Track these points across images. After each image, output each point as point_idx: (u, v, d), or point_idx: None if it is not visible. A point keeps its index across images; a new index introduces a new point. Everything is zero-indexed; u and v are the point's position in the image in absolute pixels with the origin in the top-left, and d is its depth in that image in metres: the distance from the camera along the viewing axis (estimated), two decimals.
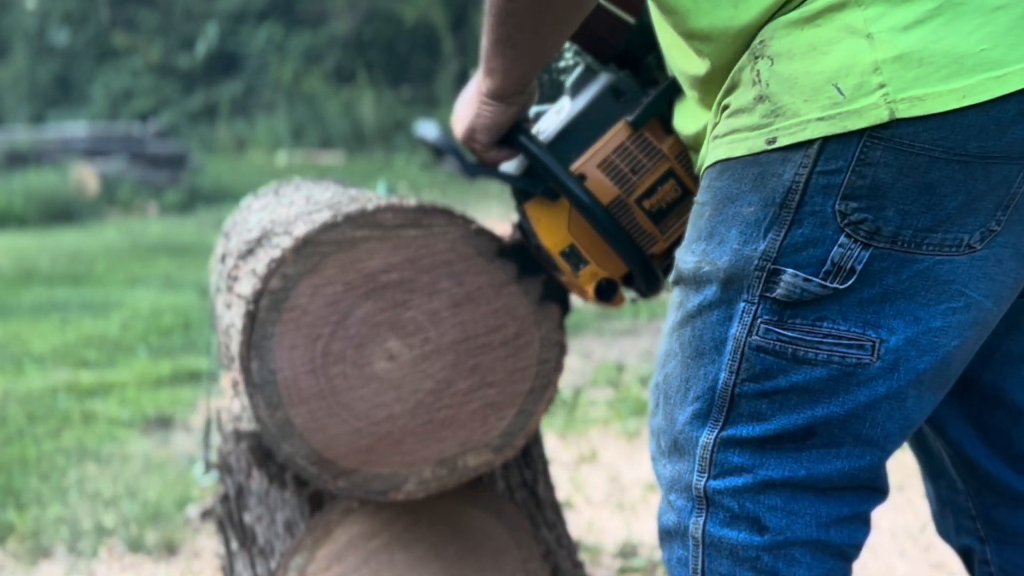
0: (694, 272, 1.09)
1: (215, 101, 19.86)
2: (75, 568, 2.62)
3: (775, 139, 1.02)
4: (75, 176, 11.72)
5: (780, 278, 1.03)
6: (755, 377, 1.06)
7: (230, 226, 2.02)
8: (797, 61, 1.01)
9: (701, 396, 1.09)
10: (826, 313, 1.03)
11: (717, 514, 1.10)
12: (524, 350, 1.63)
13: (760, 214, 1.03)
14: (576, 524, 2.73)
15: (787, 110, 1.01)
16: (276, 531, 1.82)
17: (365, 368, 1.57)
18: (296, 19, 19.82)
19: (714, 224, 1.07)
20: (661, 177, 1.43)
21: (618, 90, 1.44)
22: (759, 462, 1.08)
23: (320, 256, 1.54)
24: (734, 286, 1.06)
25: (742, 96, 1.06)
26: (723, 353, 1.07)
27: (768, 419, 1.07)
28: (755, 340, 1.05)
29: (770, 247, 1.03)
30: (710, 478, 1.09)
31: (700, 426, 1.10)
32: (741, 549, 1.09)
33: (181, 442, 3.61)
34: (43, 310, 5.98)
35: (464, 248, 1.59)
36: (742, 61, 1.06)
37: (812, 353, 1.04)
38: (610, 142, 1.42)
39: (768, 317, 1.05)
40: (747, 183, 1.04)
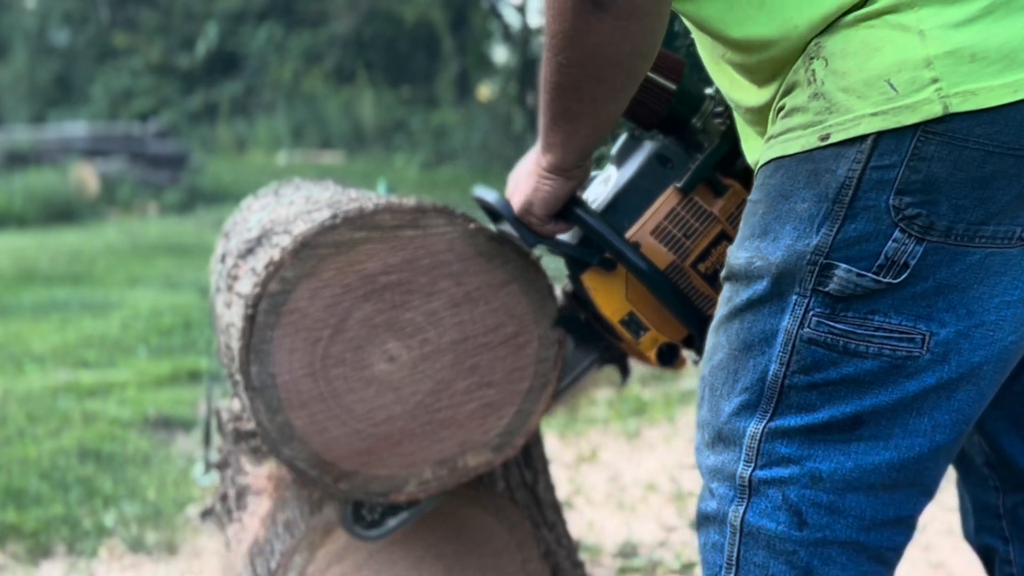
0: (745, 268, 1.10)
1: (215, 101, 19.85)
2: (75, 568, 2.62)
3: (828, 135, 1.03)
4: (75, 176, 11.72)
5: (833, 272, 1.04)
6: (805, 369, 1.07)
7: (230, 226, 2.03)
8: (850, 59, 1.03)
9: (750, 387, 1.10)
10: (878, 307, 1.04)
11: (759, 503, 1.10)
12: (523, 349, 1.63)
13: (813, 209, 1.04)
14: (576, 524, 2.73)
15: (840, 107, 1.03)
16: (276, 531, 1.82)
17: (364, 370, 1.57)
18: (296, 19, 19.82)
19: (768, 221, 1.08)
20: (714, 239, 1.46)
21: (664, 157, 1.46)
22: (807, 453, 1.08)
23: (318, 258, 1.54)
24: (786, 280, 1.07)
25: (797, 96, 1.07)
26: (773, 345, 1.08)
27: (817, 409, 1.07)
28: (806, 333, 1.06)
29: (823, 242, 1.04)
30: (756, 468, 1.10)
31: (748, 417, 1.10)
32: (778, 541, 1.09)
33: (181, 442, 3.61)
34: (43, 310, 5.98)
35: (463, 248, 1.59)
36: (797, 64, 1.08)
37: (863, 346, 1.05)
38: (661, 209, 1.44)
39: (820, 310, 1.06)
40: (801, 180, 1.05)
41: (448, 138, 17.56)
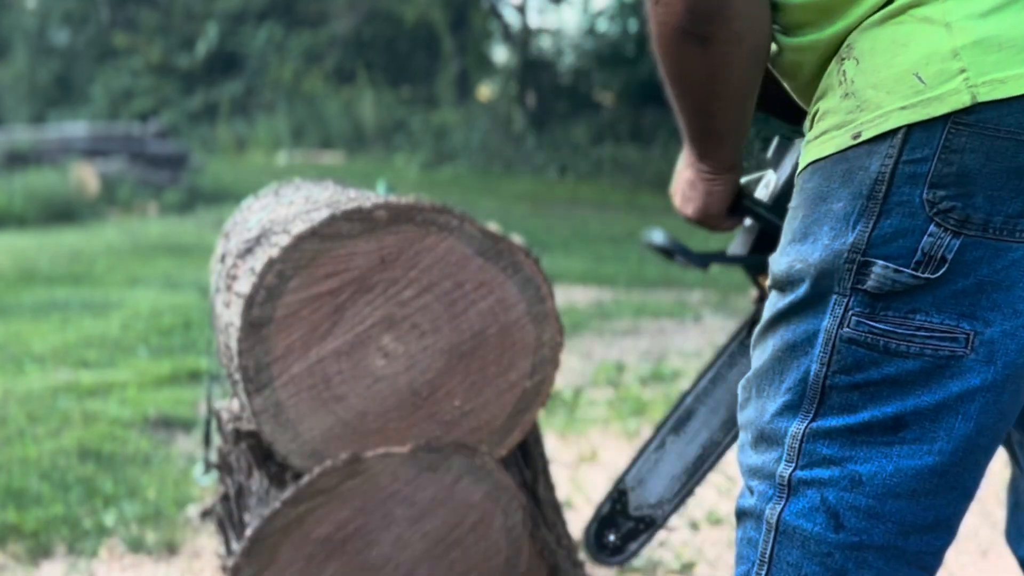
0: (787, 272, 1.10)
1: (215, 101, 19.87)
2: (75, 568, 2.62)
3: (860, 133, 1.03)
4: (75, 176, 11.73)
5: (871, 270, 1.03)
6: (846, 369, 1.06)
7: (230, 226, 2.03)
8: (879, 56, 1.03)
9: (792, 388, 1.09)
10: (919, 305, 1.03)
11: (797, 503, 1.09)
12: (519, 346, 1.64)
13: (848, 207, 1.04)
14: (576, 524, 2.73)
15: (870, 103, 1.03)
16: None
17: (360, 365, 1.57)
18: (296, 19, 19.83)
19: (806, 224, 1.08)
20: None
21: None
22: (848, 454, 1.07)
23: (315, 254, 1.54)
24: (825, 280, 1.06)
25: (830, 99, 1.08)
26: (815, 345, 1.07)
27: (859, 410, 1.06)
28: (846, 332, 1.06)
29: (859, 239, 1.04)
30: (797, 468, 1.09)
31: (791, 417, 1.10)
32: (813, 542, 1.08)
33: (181, 442, 3.61)
34: (43, 310, 5.99)
35: (460, 246, 1.60)
36: (831, 67, 1.09)
37: (904, 346, 1.04)
38: None
39: (859, 309, 1.05)
40: (836, 180, 1.05)
41: (448, 138, 17.57)
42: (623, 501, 1.66)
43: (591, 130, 16.40)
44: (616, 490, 1.67)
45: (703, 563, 2.58)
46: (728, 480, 3.15)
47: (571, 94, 18.15)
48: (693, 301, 6.29)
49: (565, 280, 6.63)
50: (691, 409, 1.68)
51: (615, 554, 1.67)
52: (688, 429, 1.68)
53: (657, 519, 1.67)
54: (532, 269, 1.65)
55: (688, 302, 6.25)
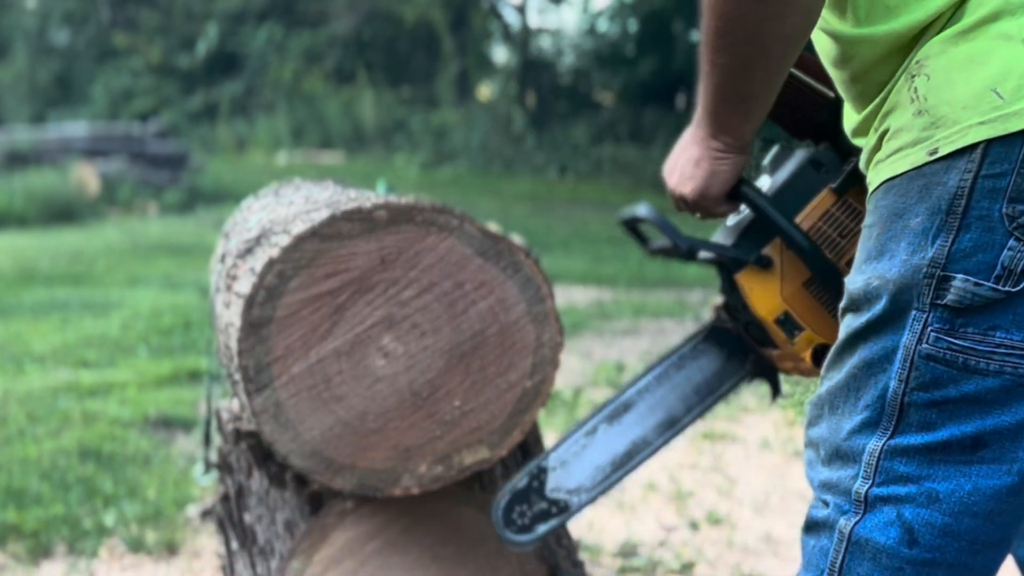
0: (863, 290, 1.09)
1: (215, 101, 19.87)
2: (75, 568, 2.62)
3: (937, 149, 1.03)
4: (75, 176, 11.73)
5: (950, 284, 1.03)
6: (925, 386, 1.06)
7: (230, 227, 2.03)
8: (954, 73, 1.03)
9: (871, 405, 1.09)
10: (999, 322, 1.03)
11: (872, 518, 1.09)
12: (519, 346, 1.64)
13: (927, 223, 1.04)
14: (576, 523, 2.73)
15: (947, 120, 1.03)
16: (276, 531, 1.82)
17: (360, 365, 1.58)
18: (296, 19, 19.83)
19: (883, 242, 1.08)
20: None
21: (818, 162, 1.47)
22: (926, 472, 1.07)
23: (315, 254, 1.54)
24: (904, 296, 1.06)
25: (901, 116, 1.08)
26: (893, 362, 1.07)
27: (937, 428, 1.06)
28: (925, 349, 1.05)
29: (938, 254, 1.03)
30: (874, 485, 1.09)
31: (868, 434, 1.09)
32: (886, 556, 1.08)
33: (181, 442, 3.61)
34: (43, 310, 5.99)
35: (460, 246, 1.60)
36: (900, 83, 1.09)
37: (983, 363, 1.03)
38: (816, 209, 1.45)
39: (938, 326, 1.04)
40: (913, 196, 1.05)
41: (448, 138, 17.58)
42: (541, 479, 1.61)
43: (591, 130, 16.41)
44: (537, 466, 1.62)
45: (703, 563, 2.58)
46: (728, 480, 3.15)
47: (571, 94, 18.16)
48: (693, 301, 6.29)
49: (565, 280, 6.63)
50: (630, 403, 1.65)
51: (521, 533, 1.60)
52: (623, 421, 1.65)
53: (571, 507, 1.62)
54: (532, 269, 1.65)
55: (688, 302, 6.25)
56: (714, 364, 1.65)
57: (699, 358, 1.65)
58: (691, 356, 1.65)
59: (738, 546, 2.68)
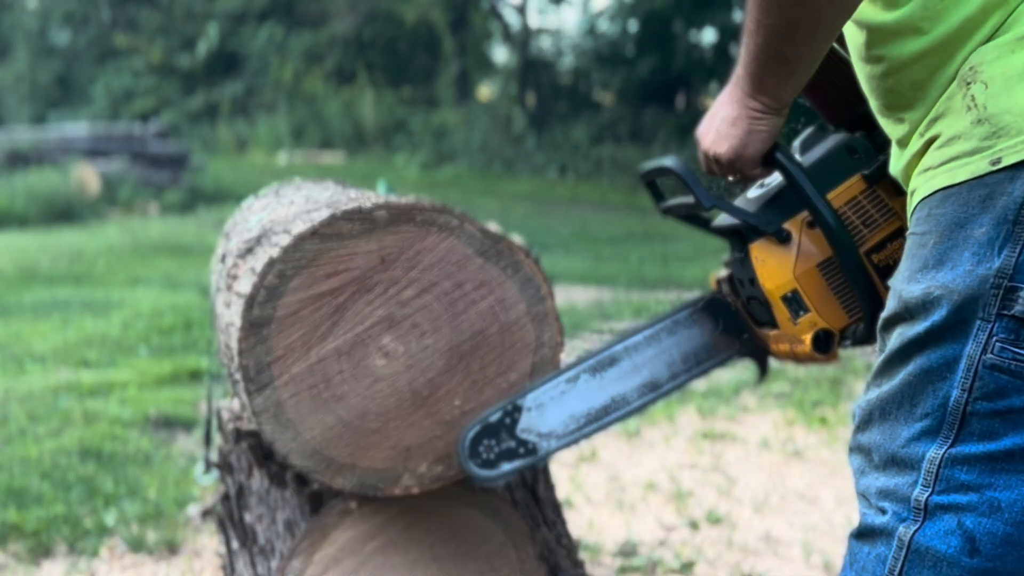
0: (922, 299, 1.09)
1: (216, 101, 19.87)
2: (76, 567, 2.63)
3: (1000, 159, 1.03)
4: (76, 176, 11.74)
5: (1018, 295, 1.03)
6: (988, 396, 1.06)
7: (231, 226, 2.03)
8: (1015, 82, 1.03)
9: (931, 413, 1.09)
10: None
11: (933, 525, 1.09)
12: (519, 346, 1.64)
13: (992, 233, 1.04)
14: (576, 523, 2.74)
15: (1010, 129, 1.03)
16: (276, 530, 1.83)
17: (360, 365, 1.58)
18: (296, 19, 19.83)
19: (943, 251, 1.07)
20: (892, 234, 1.44)
21: (853, 148, 1.46)
22: (988, 481, 1.07)
23: (316, 254, 1.55)
24: (969, 306, 1.05)
25: (955, 123, 1.07)
26: (955, 371, 1.07)
27: (1000, 437, 1.06)
28: (989, 359, 1.05)
29: (1006, 264, 1.03)
30: (934, 492, 1.08)
31: (929, 442, 1.09)
32: (946, 565, 1.08)
33: (182, 441, 3.61)
34: (44, 310, 5.99)
35: (460, 246, 1.60)
36: (951, 90, 1.08)
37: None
38: (844, 194, 1.44)
39: (1004, 336, 1.04)
40: (975, 206, 1.05)
41: (448, 138, 17.58)
42: (514, 417, 1.58)
43: (591, 130, 16.41)
44: (512, 403, 1.59)
45: (703, 563, 2.59)
46: (728, 480, 3.16)
47: (571, 94, 18.15)
48: None
49: (565, 280, 6.63)
50: (616, 358, 1.62)
51: (484, 467, 1.57)
52: (606, 375, 1.62)
53: (539, 451, 1.59)
54: (532, 269, 1.65)
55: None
56: (706, 336, 1.62)
57: (692, 327, 1.63)
58: (684, 324, 1.63)
59: (738, 546, 2.68)
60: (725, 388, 4.17)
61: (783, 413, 3.83)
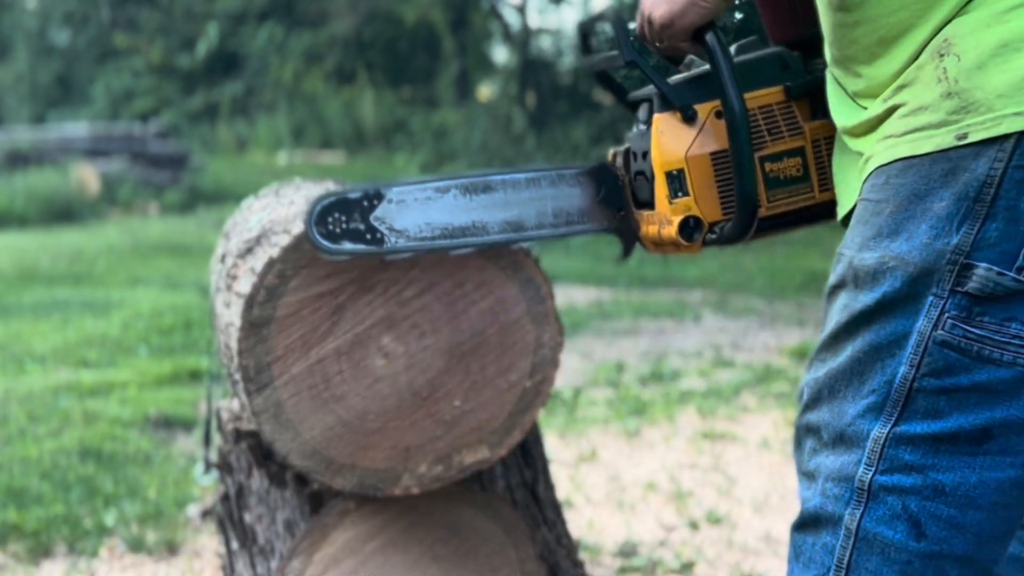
0: (875, 268, 1.08)
1: (216, 101, 19.87)
2: (76, 567, 2.62)
3: (966, 134, 1.02)
4: (76, 176, 11.74)
5: (973, 272, 1.03)
6: (936, 372, 1.05)
7: (230, 226, 2.03)
8: (987, 58, 1.02)
9: (878, 389, 1.08)
10: (1016, 313, 1.02)
11: (877, 510, 1.08)
12: (519, 346, 1.64)
13: (952, 208, 1.03)
14: (576, 523, 2.74)
15: (980, 106, 1.02)
16: (276, 530, 1.83)
17: (360, 365, 1.58)
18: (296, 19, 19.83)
19: (899, 221, 1.07)
20: (791, 151, 1.45)
21: (786, 62, 1.47)
22: (931, 462, 1.06)
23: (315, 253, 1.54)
24: (923, 280, 1.05)
25: (923, 94, 1.06)
26: (905, 347, 1.06)
27: (945, 416, 1.05)
28: (940, 335, 1.05)
29: (963, 241, 1.03)
30: (878, 472, 1.08)
31: (873, 419, 1.08)
32: (894, 550, 1.08)
33: (181, 442, 3.61)
34: (44, 310, 5.99)
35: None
36: (921, 59, 1.07)
37: (998, 353, 1.03)
38: (762, 98, 1.45)
39: (956, 313, 1.04)
40: (936, 179, 1.04)
41: (448, 138, 17.58)
42: (373, 204, 1.53)
43: (591, 130, 16.40)
44: (376, 190, 1.54)
45: (703, 563, 2.59)
46: (728, 480, 3.16)
47: (571, 94, 18.14)
48: (693, 301, 6.29)
49: (565, 280, 6.63)
50: (491, 186, 1.58)
51: (325, 239, 1.51)
52: (476, 199, 1.57)
53: (385, 243, 1.53)
54: (532, 269, 1.65)
55: (688, 302, 6.25)
56: (584, 200, 1.60)
57: (574, 187, 1.60)
58: (568, 181, 1.60)
59: (738, 546, 2.68)
60: (725, 388, 4.18)
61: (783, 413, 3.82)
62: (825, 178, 1.46)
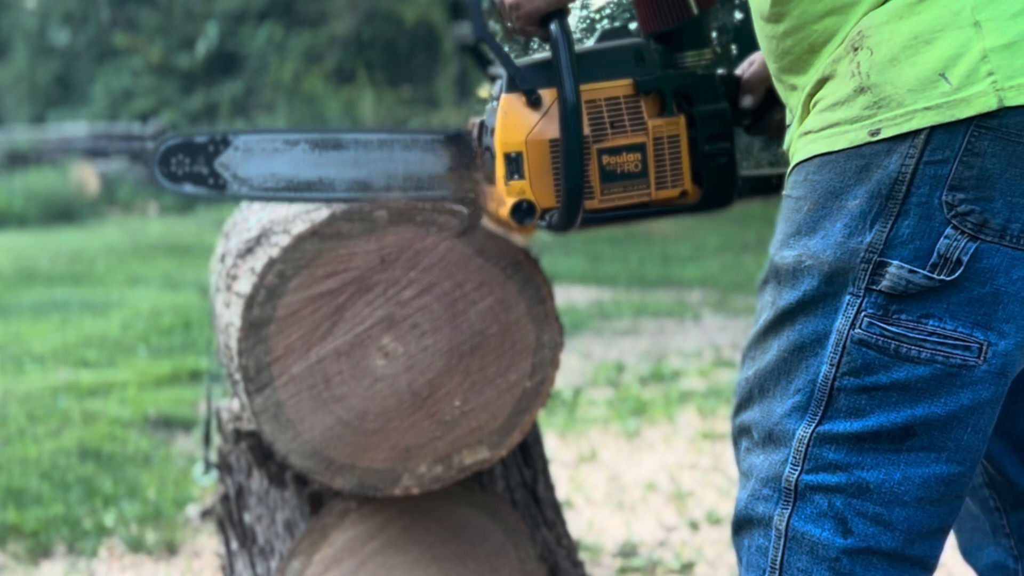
0: (794, 267, 1.08)
1: (215, 101, 19.85)
2: (75, 568, 2.62)
3: (879, 130, 1.01)
4: (75, 176, 11.74)
5: (886, 270, 1.02)
6: (855, 371, 1.05)
7: (230, 226, 2.03)
8: (899, 51, 1.01)
9: (802, 389, 1.08)
10: (933, 310, 1.02)
11: (804, 509, 1.08)
12: (519, 346, 1.64)
13: (865, 206, 1.02)
14: (576, 523, 2.74)
15: (891, 101, 1.01)
16: (276, 531, 1.82)
17: (360, 365, 1.58)
18: (296, 19, 19.82)
19: (816, 219, 1.06)
20: (631, 146, 1.45)
21: (641, 55, 1.46)
22: (855, 460, 1.06)
23: (316, 254, 1.54)
24: (839, 279, 1.04)
25: (838, 89, 1.05)
26: (825, 346, 1.06)
27: (866, 415, 1.05)
28: (857, 334, 1.04)
29: (876, 239, 1.02)
30: (803, 472, 1.08)
31: (799, 419, 1.08)
32: (822, 548, 1.07)
33: (181, 442, 3.61)
34: (43, 310, 5.99)
35: (460, 246, 1.60)
36: (837, 53, 1.06)
37: (915, 351, 1.02)
38: (608, 89, 1.44)
39: (872, 311, 1.03)
40: (851, 176, 1.03)
41: None
42: (219, 149, 1.52)
43: None
44: (224, 136, 1.53)
45: (703, 563, 2.58)
46: (728, 480, 3.15)
47: None
48: (693, 301, 6.29)
49: (565, 280, 6.63)
50: (342, 144, 1.56)
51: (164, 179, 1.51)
52: (325, 155, 1.56)
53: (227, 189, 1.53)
54: (532, 269, 1.65)
55: (688, 302, 6.25)
56: (437, 167, 1.59)
57: (428, 152, 1.58)
58: (422, 146, 1.59)
59: None
60: (725, 388, 4.17)
61: None
62: (664, 177, 1.46)
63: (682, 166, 1.48)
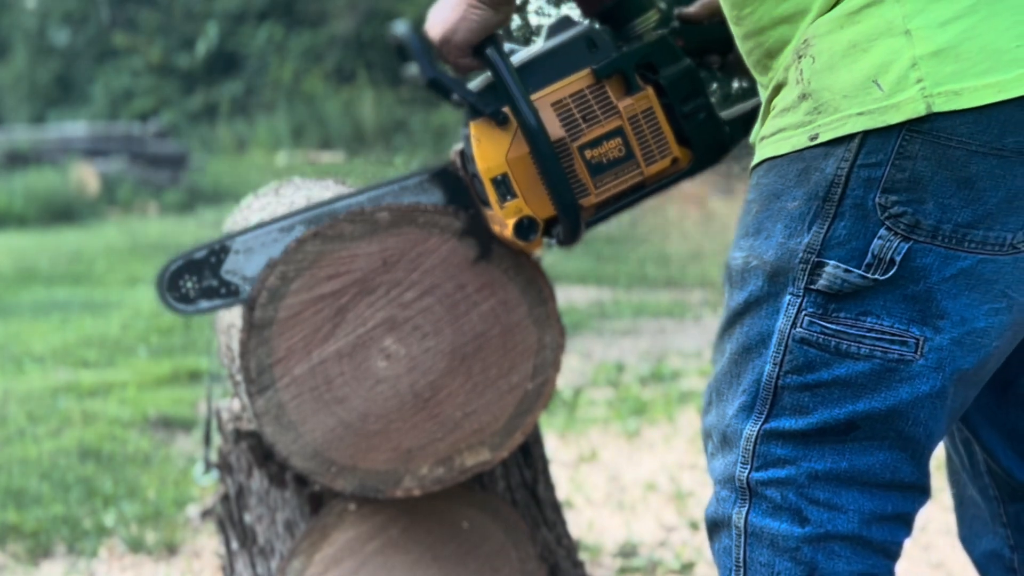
0: (742, 267, 1.11)
1: (215, 101, 19.85)
2: (75, 568, 2.62)
3: (817, 135, 1.05)
4: (75, 176, 11.73)
5: (823, 270, 1.05)
6: (798, 369, 1.08)
7: (230, 226, 2.03)
8: (838, 59, 1.04)
9: (748, 389, 1.11)
10: (870, 308, 1.05)
11: (760, 505, 1.11)
12: (521, 348, 1.64)
13: (804, 208, 1.06)
14: (576, 524, 2.74)
15: (828, 106, 1.04)
16: (276, 531, 1.82)
17: (362, 366, 1.58)
18: (296, 19, 19.82)
19: (761, 220, 1.10)
20: (609, 133, 1.45)
21: (592, 41, 1.46)
22: (802, 454, 1.09)
23: (317, 255, 1.55)
24: (780, 279, 1.08)
25: (787, 95, 1.09)
26: (769, 346, 1.09)
27: (810, 412, 1.08)
28: (799, 332, 1.07)
29: (814, 240, 1.05)
30: (753, 470, 1.11)
31: (745, 418, 1.11)
32: (781, 539, 1.10)
33: (181, 442, 3.61)
34: (43, 310, 5.99)
35: (461, 247, 1.60)
36: (788, 60, 1.09)
37: (854, 347, 1.06)
38: (570, 86, 1.44)
39: (812, 310, 1.06)
40: (791, 179, 1.07)
41: (448, 138, 17.55)
42: (220, 258, 1.55)
43: None
44: (221, 244, 1.55)
45: (703, 563, 2.59)
46: None
47: None
48: (693, 301, 6.29)
49: (565, 280, 6.63)
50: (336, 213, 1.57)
51: (178, 303, 1.55)
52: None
53: (240, 293, 1.56)
54: (534, 271, 1.65)
55: (688, 302, 6.25)
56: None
57: (421, 195, 1.60)
58: (412, 190, 1.60)
59: None
60: None
61: None
62: (650, 152, 1.46)
63: (665, 135, 1.48)
